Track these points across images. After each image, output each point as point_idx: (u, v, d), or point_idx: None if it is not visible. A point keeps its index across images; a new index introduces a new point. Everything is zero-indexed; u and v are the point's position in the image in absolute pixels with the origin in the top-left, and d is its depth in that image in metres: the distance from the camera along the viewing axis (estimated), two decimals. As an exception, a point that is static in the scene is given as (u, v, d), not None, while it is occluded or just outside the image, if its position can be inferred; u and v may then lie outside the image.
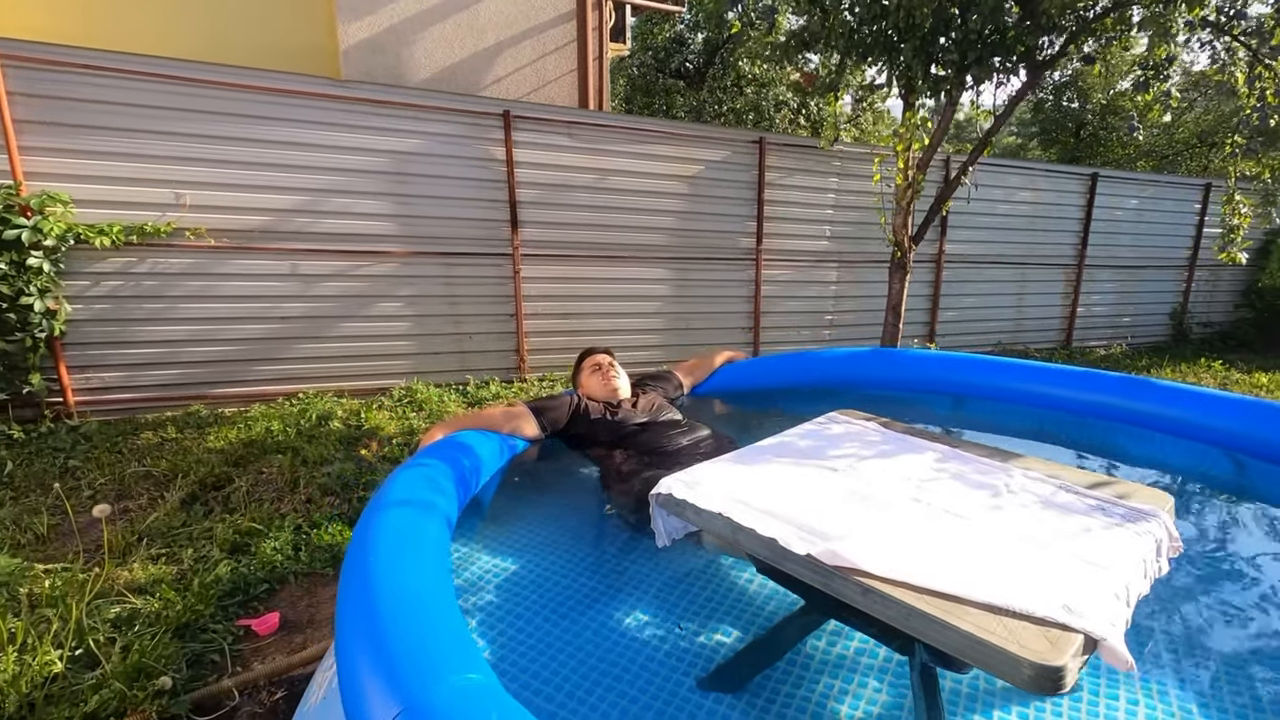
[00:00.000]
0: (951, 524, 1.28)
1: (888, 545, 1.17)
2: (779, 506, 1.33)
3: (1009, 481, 1.45)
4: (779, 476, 1.52)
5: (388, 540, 1.18)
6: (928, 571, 1.08)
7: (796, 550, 1.18)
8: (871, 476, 1.50)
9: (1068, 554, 1.16)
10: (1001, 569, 1.11)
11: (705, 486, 1.44)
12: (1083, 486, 1.43)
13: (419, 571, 1.12)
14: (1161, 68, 4.26)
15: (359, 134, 4.15)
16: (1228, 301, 8.28)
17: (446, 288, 4.54)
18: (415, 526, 1.28)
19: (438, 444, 1.85)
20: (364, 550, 1.16)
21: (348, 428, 3.69)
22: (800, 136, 5.81)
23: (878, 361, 3.17)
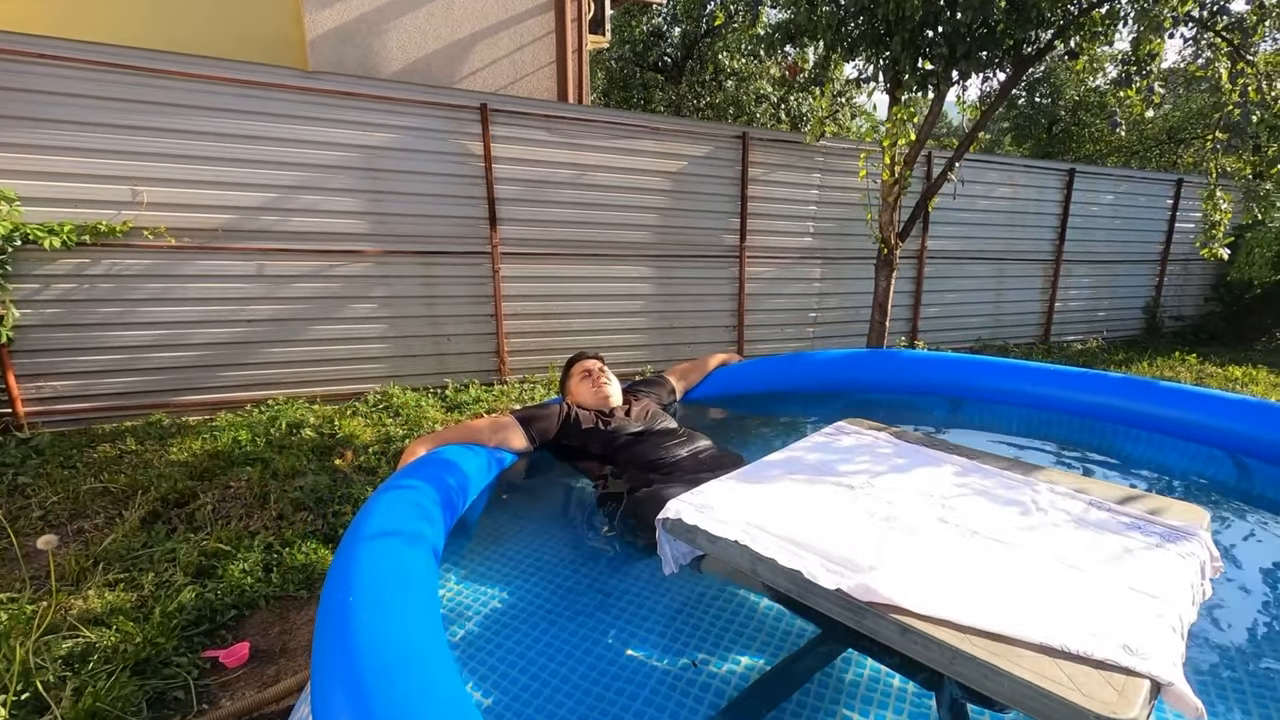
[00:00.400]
0: (985, 549, 1.19)
1: (923, 577, 1.08)
2: (799, 532, 1.23)
3: (1036, 497, 1.37)
4: (794, 496, 1.42)
5: (369, 583, 1.05)
6: (971, 608, 0.99)
7: (825, 584, 1.07)
8: (892, 494, 1.41)
9: (1115, 582, 1.07)
10: (1048, 602, 1.02)
11: (718, 510, 1.33)
12: (1114, 502, 1.35)
13: (405, 619, 0.99)
14: (1145, 62, 4.25)
15: (328, 127, 3.97)
16: (1198, 295, 8.42)
17: (423, 288, 4.37)
18: (400, 564, 1.15)
19: (420, 461, 1.72)
20: (342, 596, 1.03)
21: (321, 436, 3.52)
22: (783, 131, 5.74)
23: (877, 363, 3.10)
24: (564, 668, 1.40)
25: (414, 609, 1.04)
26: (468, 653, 1.41)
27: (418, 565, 1.17)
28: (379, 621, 0.98)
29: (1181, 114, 11.00)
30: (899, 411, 3.03)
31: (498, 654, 1.41)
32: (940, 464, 1.57)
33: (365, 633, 0.96)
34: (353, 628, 0.97)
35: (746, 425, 2.89)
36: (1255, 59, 3.94)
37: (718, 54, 9.52)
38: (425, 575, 1.15)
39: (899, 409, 3.04)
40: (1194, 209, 7.83)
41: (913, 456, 1.62)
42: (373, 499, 1.40)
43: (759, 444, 2.75)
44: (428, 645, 0.94)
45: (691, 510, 1.34)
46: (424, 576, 1.15)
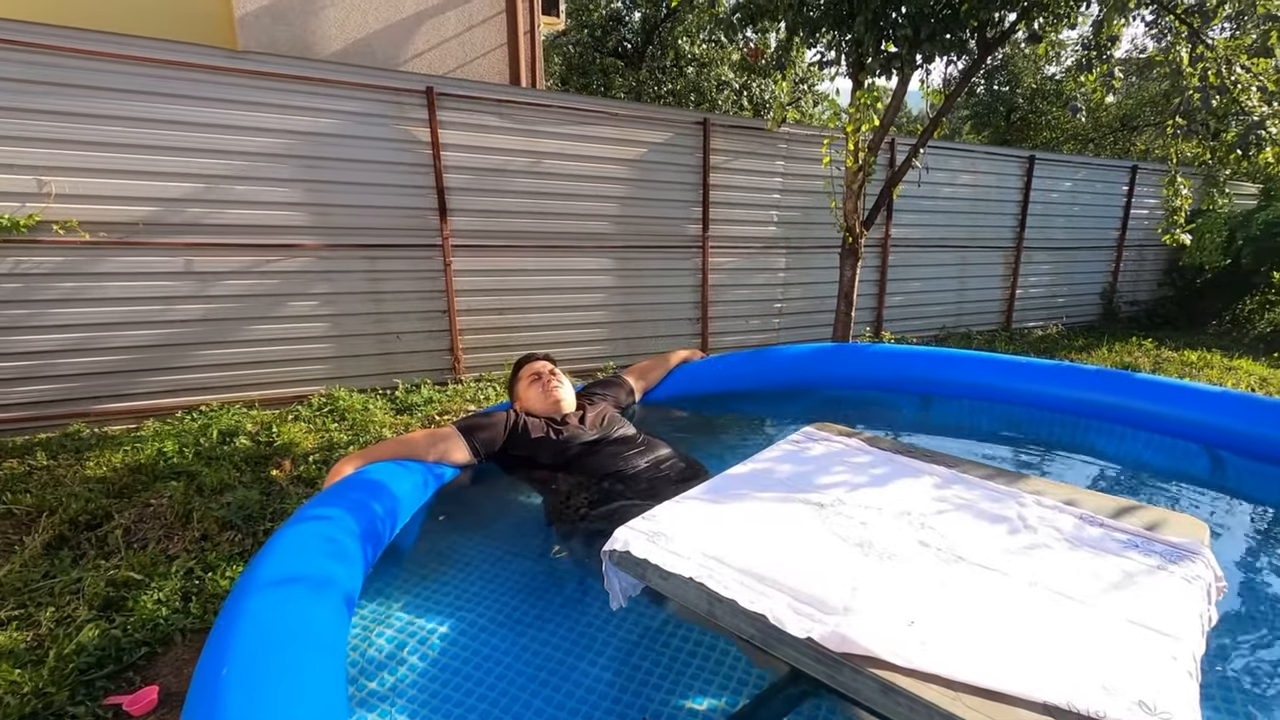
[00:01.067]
0: (973, 579, 1.05)
1: (905, 620, 0.93)
2: (763, 564, 1.08)
3: (1024, 512, 1.25)
4: (758, 520, 1.27)
5: (251, 651, 0.87)
6: (962, 659, 0.85)
7: (793, 631, 0.93)
8: (866, 514, 1.27)
9: (1119, 616, 0.95)
10: (1048, 648, 0.88)
11: (673, 540, 1.18)
12: (1107, 516, 1.23)
13: (295, 700, 0.81)
14: (1105, 47, 4.21)
15: (261, 112, 3.68)
16: (1152, 280, 8.56)
17: (369, 283, 4.13)
18: (297, 622, 0.96)
19: (341, 484, 1.53)
20: (215, 669, 0.85)
21: (257, 444, 3.27)
22: (746, 117, 5.61)
23: (844, 358, 2.97)
24: (501, 710, 1.24)
25: (309, 684, 0.86)
26: (394, 702, 1.24)
27: (321, 622, 0.99)
28: (257, 707, 0.80)
29: (1135, 102, 11.19)
30: (869, 408, 2.92)
31: (430, 703, 1.24)
32: (917, 475, 1.44)
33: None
34: (222, 714, 0.79)
35: (710, 427, 2.75)
36: (1214, 43, 3.92)
37: (678, 39, 9.32)
38: (329, 636, 0.97)
39: (868, 405, 2.93)
40: (1148, 195, 7.94)
41: (887, 466, 1.49)
42: (275, 535, 1.21)
43: (723, 447, 2.61)
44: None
45: (642, 541, 1.18)
46: (328, 638, 0.96)
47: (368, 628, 1.45)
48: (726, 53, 9.59)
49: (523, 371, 2.26)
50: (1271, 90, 3.93)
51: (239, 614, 0.95)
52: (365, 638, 1.41)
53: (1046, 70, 11.44)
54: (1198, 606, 0.99)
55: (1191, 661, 0.88)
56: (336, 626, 1.02)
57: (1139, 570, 1.07)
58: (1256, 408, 2.26)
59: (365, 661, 1.35)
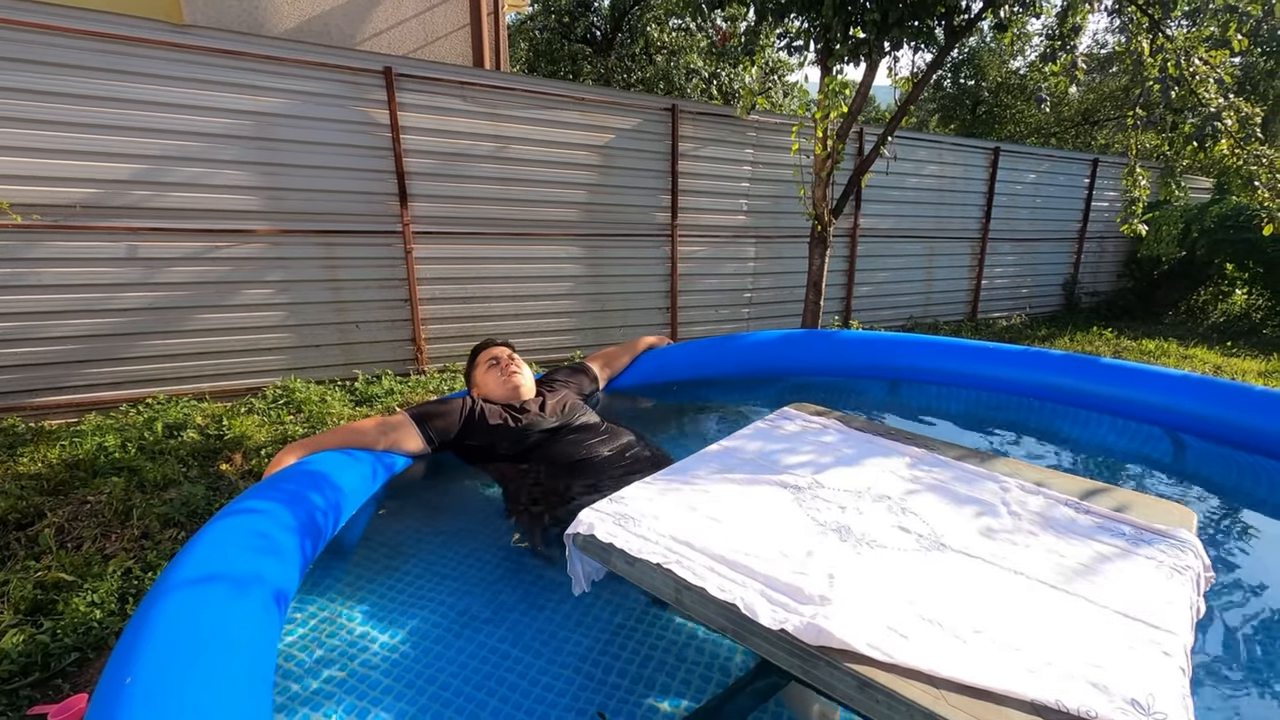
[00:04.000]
0: (954, 566, 1.01)
1: (884, 611, 0.88)
2: (735, 550, 1.03)
3: (1005, 496, 1.21)
4: (729, 502, 1.21)
5: (161, 659, 0.79)
6: (945, 653, 0.80)
7: (765, 623, 0.87)
8: (844, 497, 1.22)
9: (1107, 607, 0.91)
10: (1034, 640, 0.84)
11: (639, 523, 1.12)
12: (1087, 499, 1.20)
13: (209, 712, 0.73)
14: (1069, 37, 4.24)
15: (209, 90, 3.51)
16: (1112, 271, 8.75)
17: (326, 271, 3.98)
18: (218, 624, 0.88)
19: (279, 475, 1.43)
20: (118, 679, 0.76)
21: (206, 438, 3.13)
22: (714, 104, 5.54)
23: (813, 344, 2.94)
24: (459, 716, 1.17)
25: (225, 691, 0.78)
26: (337, 705, 1.16)
27: (244, 624, 0.90)
28: (161, 718, 0.72)
29: (1096, 96, 11.41)
30: (837, 394, 2.90)
31: (381, 700, 1.17)
32: (892, 455, 1.40)
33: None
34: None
35: (676, 414, 2.69)
36: (1174, 35, 3.97)
37: (647, 26, 9.21)
38: (253, 638, 0.89)
39: (837, 391, 2.91)
40: (1109, 188, 8.10)
41: (862, 447, 1.44)
42: (200, 532, 1.12)
43: (690, 436, 2.55)
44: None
45: (607, 523, 1.12)
46: (251, 640, 0.88)
47: (311, 628, 1.37)
48: (696, 40, 9.51)
49: (480, 357, 2.18)
50: (1228, 83, 4.00)
51: (149, 617, 0.86)
52: (306, 639, 1.33)
53: (1011, 65, 11.60)
54: (1188, 598, 0.96)
55: (1184, 656, 0.85)
56: (264, 628, 0.93)
57: (1126, 560, 1.03)
58: (1215, 391, 2.28)
59: (306, 663, 1.26)
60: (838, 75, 3.79)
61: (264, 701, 0.82)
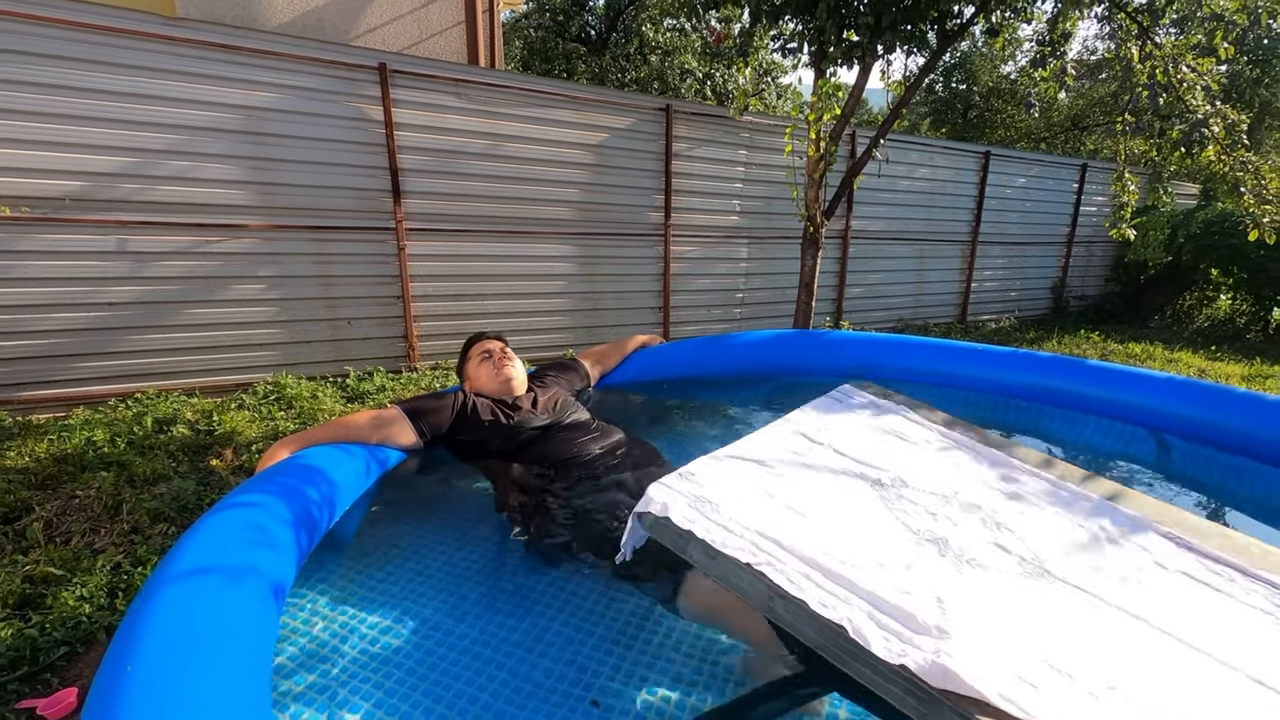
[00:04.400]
0: (1065, 600, 0.93)
1: (1008, 653, 0.79)
2: (825, 552, 0.94)
3: (1100, 522, 1.13)
4: (808, 491, 1.12)
5: (161, 648, 0.79)
6: (1081, 713, 0.73)
7: (878, 653, 0.78)
8: (933, 502, 1.15)
9: (1243, 674, 0.82)
10: (1174, 706, 0.76)
11: (716, 509, 1.03)
12: (1187, 533, 1.11)
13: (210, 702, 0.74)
14: (1059, 44, 4.29)
15: (202, 84, 3.50)
16: (1099, 276, 8.83)
17: (318, 267, 3.97)
18: (216, 615, 0.88)
19: (274, 470, 1.44)
20: (117, 669, 0.77)
21: (196, 433, 3.11)
22: (708, 105, 5.57)
23: (804, 345, 2.96)
24: (451, 711, 1.18)
25: (224, 680, 0.78)
26: (333, 696, 1.16)
27: (243, 615, 0.91)
28: (163, 706, 0.72)
29: (1085, 102, 11.53)
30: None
31: (373, 695, 1.17)
32: (974, 456, 1.31)
33: None
34: (123, 714, 0.71)
35: (667, 413, 2.71)
36: (1163, 43, 4.03)
37: (642, 26, 9.21)
38: (252, 629, 0.89)
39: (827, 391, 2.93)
40: (1097, 193, 8.18)
41: (940, 442, 1.35)
42: (196, 524, 1.12)
43: (680, 434, 2.57)
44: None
45: (681, 504, 1.03)
46: (250, 631, 0.89)
47: (305, 620, 1.37)
48: (690, 41, 9.53)
49: (472, 350, 2.18)
50: (1215, 90, 4.06)
51: (149, 607, 0.87)
52: (302, 631, 1.33)
53: (1002, 69, 11.70)
54: None
55: None
56: (262, 619, 0.94)
57: (1247, 611, 0.92)
58: (1200, 394, 2.32)
59: (302, 655, 1.27)
60: (831, 78, 3.81)
61: (263, 692, 0.82)
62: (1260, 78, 9.30)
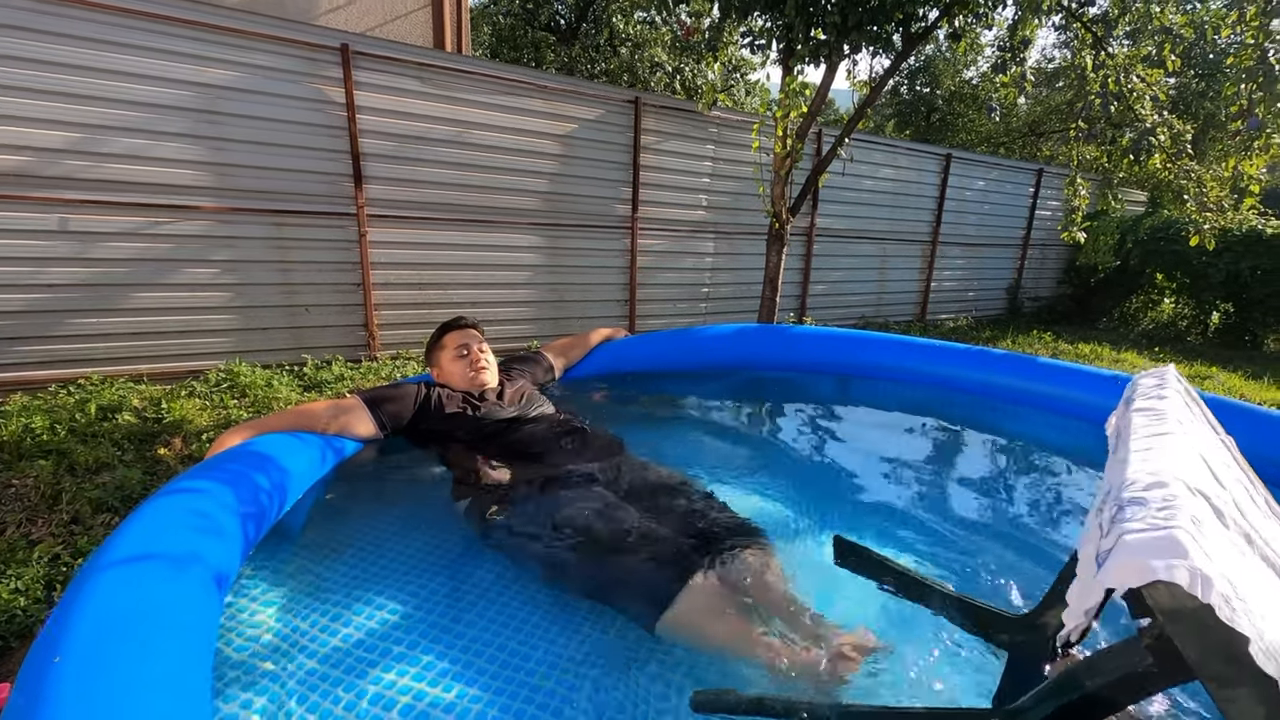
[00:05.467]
0: None
1: None
2: None
3: None
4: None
5: (92, 638, 0.76)
6: None
7: None
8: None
9: None
10: None
11: (1247, 603, 0.56)
12: None
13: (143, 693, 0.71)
14: (1019, 49, 4.41)
15: (154, 59, 3.36)
16: (1052, 278, 9.11)
17: (276, 251, 3.86)
18: (154, 603, 0.85)
19: (223, 456, 1.40)
20: (45, 659, 0.74)
21: (143, 421, 3.01)
22: (677, 98, 5.57)
23: (767, 339, 2.99)
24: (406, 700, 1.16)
25: (160, 670, 0.76)
26: (281, 687, 1.14)
27: (183, 604, 0.88)
28: (92, 695, 0.69)
29: (1042, 109, 11.85)
30: (790, 389, 2.96)
31: (318, 687, 1.15)
32: None
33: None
34: (50, 705, 0.68)
35: (632, 406, 2.71)
36: (1115, 53, 4.16)
37: (613, 16, 9.16)
38: (191, 618, 0.86)
39: (791, 386, 2.97)
40: (1052, 198, 8.42)
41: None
42: (136, 510, 1.08)
43: (645, 426, 2.58)
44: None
45: (1221, 580, 0.54)
46: (189, 620, 0.86)
47: (254, 610, 1.34)
48: (660, 34, 9.51)
49: (447, 339, 2.09)
50: (1162, 100, 4.21)
51: (81, 595, 0.84)
52: (250, 621, 1.30)
53: (965, 74, 11.95)
54: None
55: None
56: (203, 609, 0.91)
57: None
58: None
59: (252, 645, 1.23)
60: (798, 75, 3.85)
61: (202, 682, 0.80)
62: (1205, 91, 9.68)
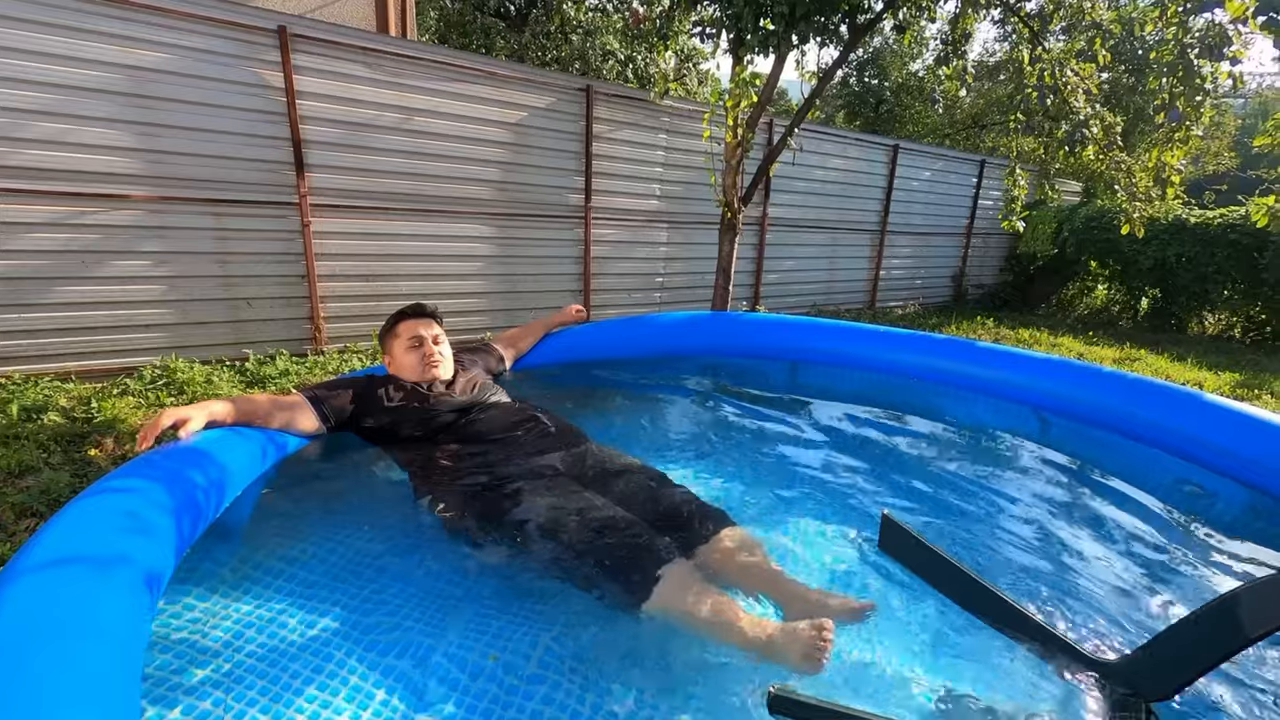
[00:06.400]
0: None
1: None
2: None
3: None
4: None
5: (7, 647, 0.73)
6: None
7: None
8: None
9: None
10: None
11: None
12: None
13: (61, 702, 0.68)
14: (960, 43, 4.52)
15: (75, 39, 3.18)
16: (995, 266, 9.42)
17: (214, 242, 3.71)
18: (75, 609, 0.82)
19: (155, 452, 1.34)
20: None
21: (71, 422, 2.87)
22: (629, 87, 5.53)
23: (718, 326, 3.02)
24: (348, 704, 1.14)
25: (79, 676, 0.73)
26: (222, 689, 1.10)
27: (108, 608, 0.85)
28: (7, 716, 0.66)
29: (985, 101, 12.21)
30: (741, 375, 3.00)
31: (255, 685, 1.12)
32: None
33: None
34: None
35: (584, 394, 2.71)
36: (1051, 48, 4.31)
37: (563, 3, 9.05)
38: (117, 622, 0.83)
39: (741, 372, 3.00)
40: (994, 188, 8.70)
41: None
42: (60, 511, 1.03)
43: (598, 412, 2.58)
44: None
45: None
46: (115, 624, 0.83)
47: (189, 615, 1.29)
48: (612, 21, 9.44)
49: (401, 328, 2.01)
50: (1094, 93, 4.38)
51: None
52: (188, 625, 1.25)
53: (911, 67, 12.22)
54: None
55: None
56: (131, 614, 0.88)
57: None
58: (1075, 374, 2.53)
59: (190, 651, 1.19)
60: (748, 66, 3.88)
61: (129, 689, 0.77)
62: (1135, 85, 10.12)
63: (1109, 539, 1.81)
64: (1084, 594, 1.54)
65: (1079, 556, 1.71)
